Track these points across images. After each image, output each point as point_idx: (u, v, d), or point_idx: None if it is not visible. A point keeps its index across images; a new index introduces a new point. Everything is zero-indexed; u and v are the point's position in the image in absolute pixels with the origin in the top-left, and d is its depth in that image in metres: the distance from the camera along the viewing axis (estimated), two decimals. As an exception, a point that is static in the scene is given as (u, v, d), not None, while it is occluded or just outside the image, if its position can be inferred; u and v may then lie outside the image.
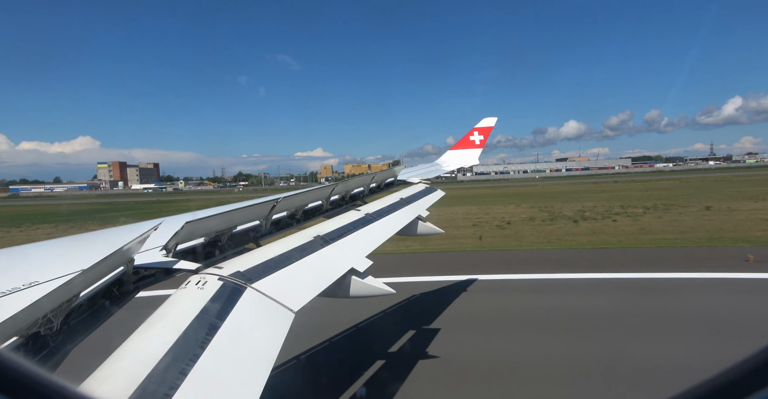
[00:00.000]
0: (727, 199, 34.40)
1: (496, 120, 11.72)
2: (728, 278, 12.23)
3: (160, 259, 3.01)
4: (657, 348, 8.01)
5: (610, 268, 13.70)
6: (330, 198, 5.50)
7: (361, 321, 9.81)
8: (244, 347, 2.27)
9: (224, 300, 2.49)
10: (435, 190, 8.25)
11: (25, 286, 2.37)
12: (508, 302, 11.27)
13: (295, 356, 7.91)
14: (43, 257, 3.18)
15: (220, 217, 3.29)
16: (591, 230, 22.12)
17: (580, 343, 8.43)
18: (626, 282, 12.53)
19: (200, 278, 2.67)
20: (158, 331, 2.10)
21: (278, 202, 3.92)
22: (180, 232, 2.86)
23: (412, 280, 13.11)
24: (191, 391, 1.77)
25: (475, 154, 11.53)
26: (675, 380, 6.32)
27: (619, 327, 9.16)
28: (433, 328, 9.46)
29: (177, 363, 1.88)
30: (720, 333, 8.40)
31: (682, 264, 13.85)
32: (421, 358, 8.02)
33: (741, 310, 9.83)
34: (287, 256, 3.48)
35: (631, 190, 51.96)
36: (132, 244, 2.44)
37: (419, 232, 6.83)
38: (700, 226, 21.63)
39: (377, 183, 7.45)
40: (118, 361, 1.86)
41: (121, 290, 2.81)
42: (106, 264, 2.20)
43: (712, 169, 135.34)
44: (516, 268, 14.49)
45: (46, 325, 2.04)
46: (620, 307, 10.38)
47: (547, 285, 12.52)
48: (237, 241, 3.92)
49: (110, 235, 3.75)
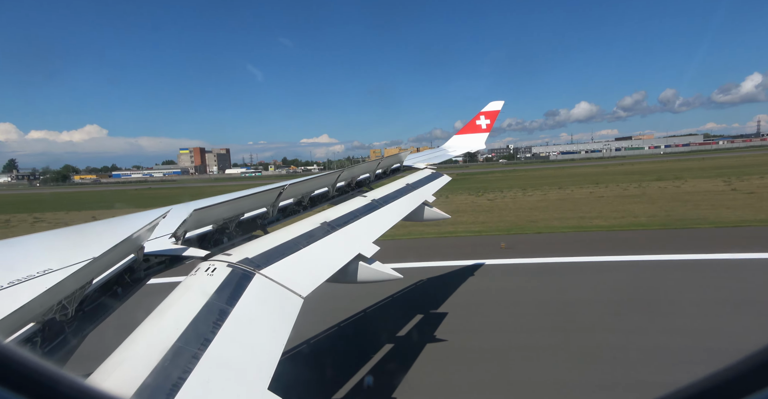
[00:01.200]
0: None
1: (503, 103, 11.56)
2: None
3: (170, 246, 3.05)
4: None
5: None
6: (336, 184, 5.51)
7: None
8: (255, 332, 2.31)
9: (233, 286, 2.52)
10: (441, 175, 8.22)
11: (39, 274, 2.42)
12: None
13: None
14: (56, 245, 3.23)
15: (228, 204, 3.31)
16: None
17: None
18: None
19: (209, 265, 2.70)
20: (170, 316, 2.14)
21: (285, 190, 3.94)
22: (188, 219, 2.89)
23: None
24: (204, 375, 1.81)
25: (482, 139, 11.43)
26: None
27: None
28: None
29: (189, 348, 1.92)
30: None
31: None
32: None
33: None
34: (295, 242, 3.51)
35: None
36: (141, 231, 2.47)
37: (426, 218, 6.84)
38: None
39: (383, 169, 7.44)
40: (132, 346, 1.90)
41: (132, 277, 2.86)
42: (116, 252, 2.23)
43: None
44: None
45: (61, 312, 2.08)
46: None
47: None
48: (245, 228, 3.95)
49: (120, 224, 3.79)
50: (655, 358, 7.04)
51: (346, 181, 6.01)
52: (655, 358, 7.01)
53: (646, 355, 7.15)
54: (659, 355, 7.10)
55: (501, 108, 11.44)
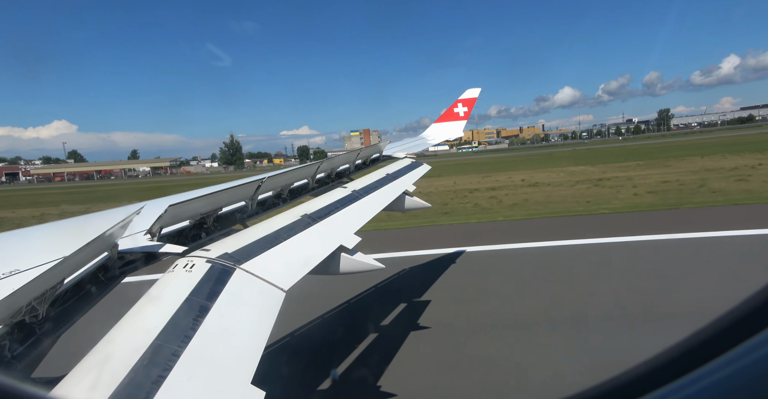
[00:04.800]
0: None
1: (479, 91, 11.67)
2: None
3: (145, 243, 2.98)
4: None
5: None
6: (316, 176, 5.46)
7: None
8: (236, 328, 2.28)
9: (213, 282, 2.48)
10: (421, 164, 8.25)
11: (6, 275, 2.33)
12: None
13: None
14: (23, 245, 3.12)
15: (205, 199, 3.24)
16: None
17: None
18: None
19: (188, 261, 2.65)
20: (148, 314, 2.09)
21: (263, 182, 3.88)
22: (164, 215, 2.82)
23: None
24: (185, 372, 1.78)
25: (460, 126, 11.52)
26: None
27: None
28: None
29: (169, 345, 1.88)
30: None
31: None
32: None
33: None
34: (275, 235, 3.47)
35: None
36: (114, 229, 2.40)
37: (407, 207, 6.87)
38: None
39: (363, 159, 7.41)
40: (109, 346, 1.86)
41: (106, 276, 2.78)
42: (88, 250, 2.16)
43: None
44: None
45: (30, 313, 2.01)
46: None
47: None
48: (223, 223, 3.89)
49: (92, 221, 3.68)
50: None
51: (325, 173, 5.97)
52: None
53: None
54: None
55: (478, 95, 11.54)
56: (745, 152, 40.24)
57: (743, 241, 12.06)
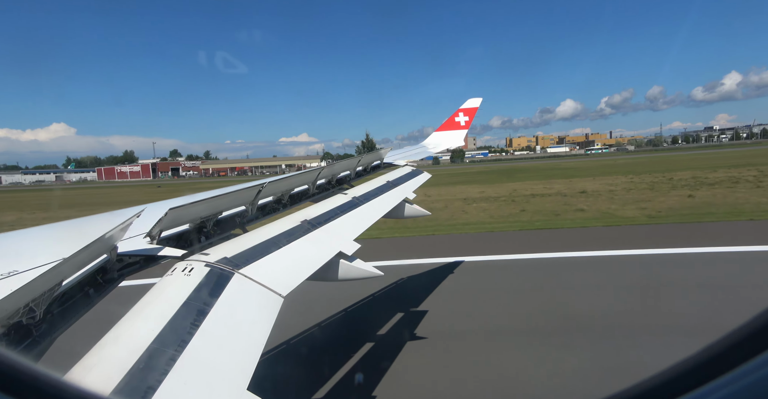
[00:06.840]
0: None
1: (481, 100, 11.72)
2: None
3: (145, 246, 2.97)
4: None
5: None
6: (316, 182, 5.47)
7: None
8: (234, 333, 2.27)
9: (212, 286, 2.47)
10: (421, 172, 8.26)
11: (4, 276, 2.32)
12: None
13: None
14: (22, 246, 3.11)
15: (205, 203, 3.24)
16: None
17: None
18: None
19: (186, 265, 2.64)
20: (145, 318, 2.08)
21: (264, 187, 3.89)
22: (164, 218, 2.82)
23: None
24: (181, 377, 1.77)
25: (461, 135, 11.56)
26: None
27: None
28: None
29: (166, 349, 1.87)
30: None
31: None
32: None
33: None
34: (274, 241, 3.46)
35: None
36: (114, 231, 2.39)
37: (406, 215, 6.88)
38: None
39: (363, 166, 7.43)
40: (106, 348, 1.84)
41: (105, 278, 2.77)
42: (88, 252, 2.16)
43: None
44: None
45: (28, 315, 2.00)
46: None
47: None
48: (223, 227, 3.88)
49: (91, 223, 3.67)
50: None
51: (326, 179, 5.97)
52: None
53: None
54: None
55: (479, 105, 11.60)
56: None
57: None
